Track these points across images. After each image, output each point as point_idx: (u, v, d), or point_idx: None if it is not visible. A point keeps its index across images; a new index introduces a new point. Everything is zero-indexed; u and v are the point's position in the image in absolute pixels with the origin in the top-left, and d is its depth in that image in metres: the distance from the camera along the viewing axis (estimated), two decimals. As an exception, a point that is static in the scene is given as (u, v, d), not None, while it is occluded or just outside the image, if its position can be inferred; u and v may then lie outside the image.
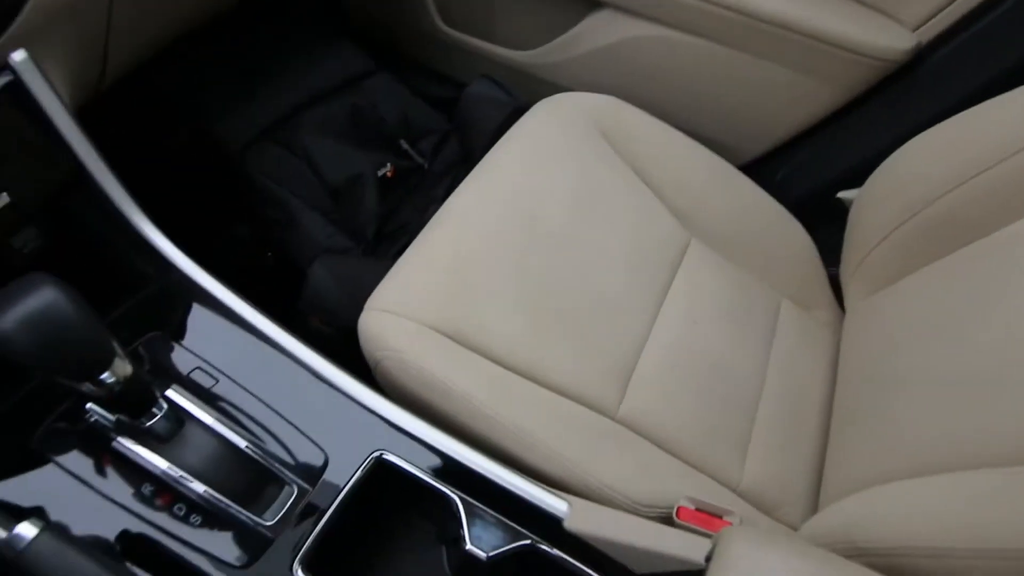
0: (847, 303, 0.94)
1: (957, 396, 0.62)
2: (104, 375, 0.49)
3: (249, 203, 0.99)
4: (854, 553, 0.50)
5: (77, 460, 0.55)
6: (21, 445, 0.55)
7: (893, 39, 0.95)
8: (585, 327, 0.76)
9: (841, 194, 1.04)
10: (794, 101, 1.07)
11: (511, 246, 0.79)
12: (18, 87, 0.55)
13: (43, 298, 0.46)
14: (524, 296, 0.75)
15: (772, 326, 0.90)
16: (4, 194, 0.56)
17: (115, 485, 0.54)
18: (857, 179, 0.98)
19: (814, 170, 1.09)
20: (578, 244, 0.83)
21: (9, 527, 0.46)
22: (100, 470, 0.55)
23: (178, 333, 0.64)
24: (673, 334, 0.81)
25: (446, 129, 1.21)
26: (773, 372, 0.84)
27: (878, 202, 0.90)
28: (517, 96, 1.09)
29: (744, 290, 0.92)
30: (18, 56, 0.54)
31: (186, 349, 0.62)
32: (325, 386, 0.63)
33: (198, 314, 0.66)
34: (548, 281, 0.78)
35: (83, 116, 0.65)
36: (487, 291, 0.74)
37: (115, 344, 0.49)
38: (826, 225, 1.02)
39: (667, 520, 0.61)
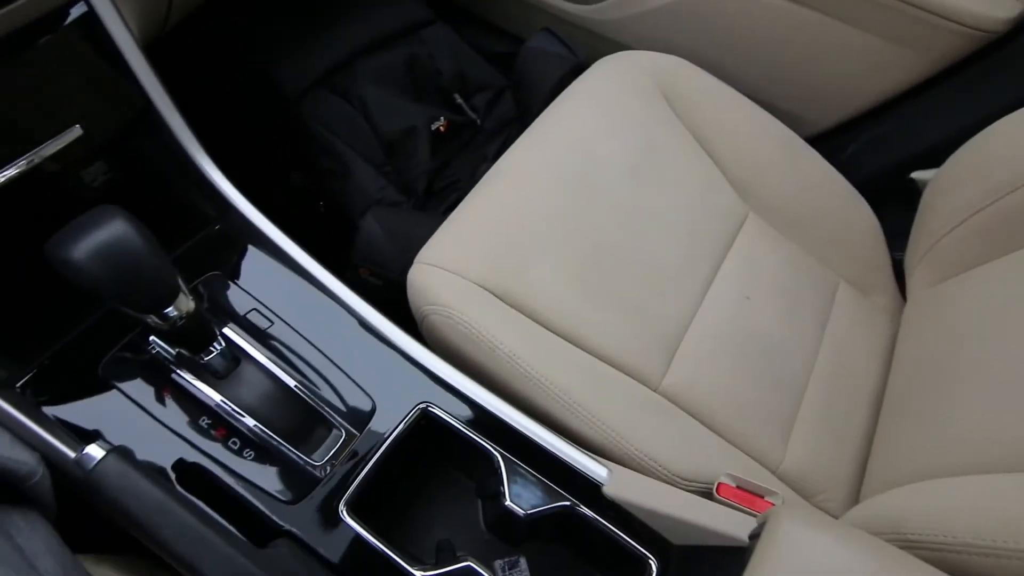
0: (909, 291, 0.89)
1: (1021, 395, 0.59)
2: (168, 309, 0.50)
3: (305, 151, 1.00)
4: (902, 545, 0.49)
5: (139, 389, 0.58)
6: (87, 372, 0.58)
7: (995, 6, 0.87)
8: (633, 293, 0.75)
9: (916, 174, 0.98)
10: (874, 70, 1.00)
11: (564, 207, 0.77)
12: (92, 19, 0.55)
13: (115, 230, 0.47)
14: (574, 258, 0.74)
15: (827, 308, 0.87)
16: (76, 126, 0.57)
17: (173, 415, 0.57)
18: (935, 159, 0.92)
19: (888, 147, 1.03)
20: (632, 209, 0.81)
21: (78, 448, 0.49)
22: (160, 400, 0.58)
23: (236, 274, 0.65)
24: (723, 308, 0.79)
25: (501, 85, 1.19)
26: (824, 355, 0.81)
27: (957, 185, 0.84)
28: (578, 52, 1.05)
29: (800, 269, 0.89)
30: (88, -6, 0.55)
31: (243, 290, 0.64)
32: (374, 336, 0.64)
33: (255, 257, 0.68)
34: (599, 244, 0.76)
35: (149, 52, 0.66)
36: (537, 251, 0.73)
37: (180, 280, 0.50)
38: (895, 206, 0.96)
39: (706, 495, 0.61)
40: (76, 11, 0.55)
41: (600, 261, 0.75)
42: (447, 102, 1.12)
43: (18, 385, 0.56)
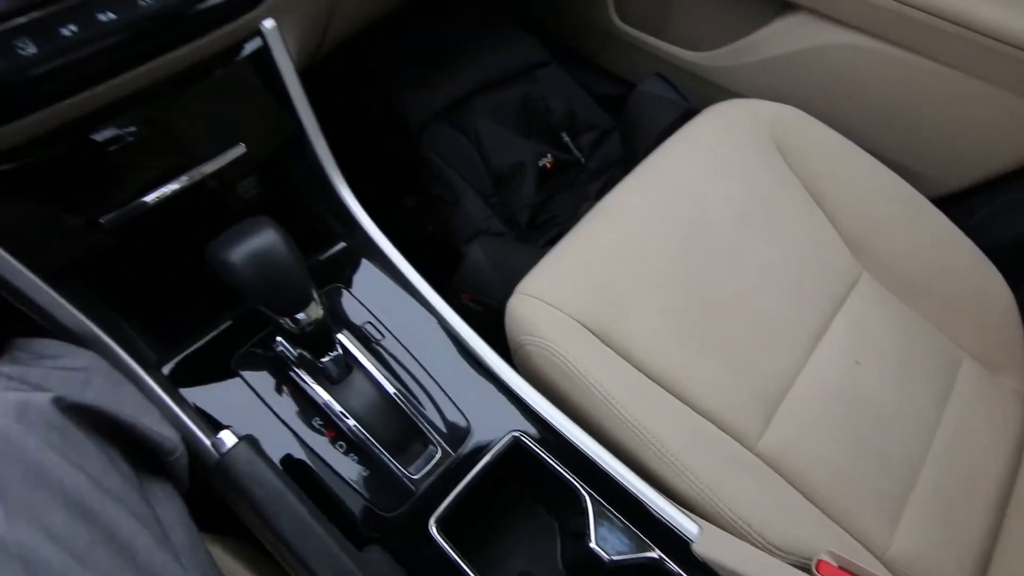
0: (1048, 374, 0.81)
1: None
2: (300, 314, 0.55)
3: (420, 177, 1.06)
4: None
5: (262, 383, 0.63)
6: (221, 362, 0.64)
7: None
8: (736, 346, 0.73)
9: (1059, 246, 0.90)
10: (1011, 130, 0.93)
11: (668, 250, 0.77)
12: (264, 52, 0.63)
13: (267, 239, 0.53)
14: (676, 303, 0.74)
15: (948, 383, 0.80)
16: (241, 145, 0.65)
17: (290, 411, 0.61)
18: (1082, 230, 0.84)
19: (1024, 213, 0.95)
20: (739, 258, 0.79)
21: (212, 434, 0.54)
22: (279, 395, 0.62)
23: (355, 287, 0.70)
24: (831, 371, 0.75)
25: (608, 126, 1.21)
26: (943, 435, 0.75)
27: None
28: (689, 97, 1.05)
29: (919, 337, 0.83)
30: (268, 24, 0.62)
31: (360, 303, 0.68)
32: (474, 361, 0.66)
33: (373, 274, 0.73)
34: (703, 291, 0.75)
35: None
36: (638, 292, 0.73)
37: (313, 289, 0.55)
38: (1032, 279, 0.88)
39: (803, 569, 0.57)
40: (251, 47, 0.62)
41: (703, 309, 0.74)
42: (555, 140, 1.15)
43: (164, 368, 0.62)
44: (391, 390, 0.62)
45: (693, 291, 0.75)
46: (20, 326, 0.55)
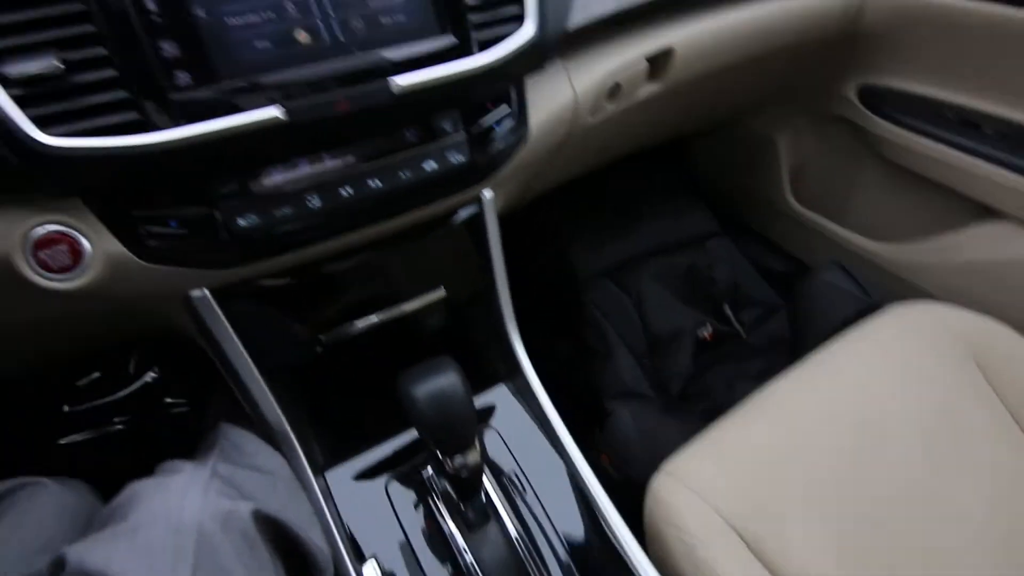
0: None
1: None
2: (460, 457, 0.59)
3: (577, 326, 1.12)
4: None
5: (406, 507, 0.67)
6: (374, 478, 0.69)
7: None
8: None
9: None
10: None
11: (836, 459, 0.71)
12: (478, 216, 0.74)
13: (450, 381, 0.59)
14: (841, 525, 0.66)
15: None
16: (442, 289, 0.75)
17: (423, 545, 0.64)
18: None
19: None
20: (920, 487, 0.70)
21: (357, 563, 0.58)
22: (418, 523, 0.65)
23: (506, 432, 0.73)
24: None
25: (773, 304, 1.19)
26: None
27: None
28: (871, 292, 1.01)
29: None
30: (488, 194, 0.73)
31: (509, 451, 0.71)
32: (608, 532, 0.64)
33: (524, 421, 0.76)
34: (874, 516, 0.67)
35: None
36: (800, 502, 0.67)
37: (476, 437, 0.59)
38: None
39: None
40: (467, 211, 0.74)
41: (873, 535, 0.66)
42: (717, 311, 1.16)
43: (329, 473, 0.69)
44: (522, 550, 0.62)
45: (862, 510, 0.67)
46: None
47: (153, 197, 0.51)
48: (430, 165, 0.62)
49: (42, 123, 0.43)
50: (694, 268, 1.17)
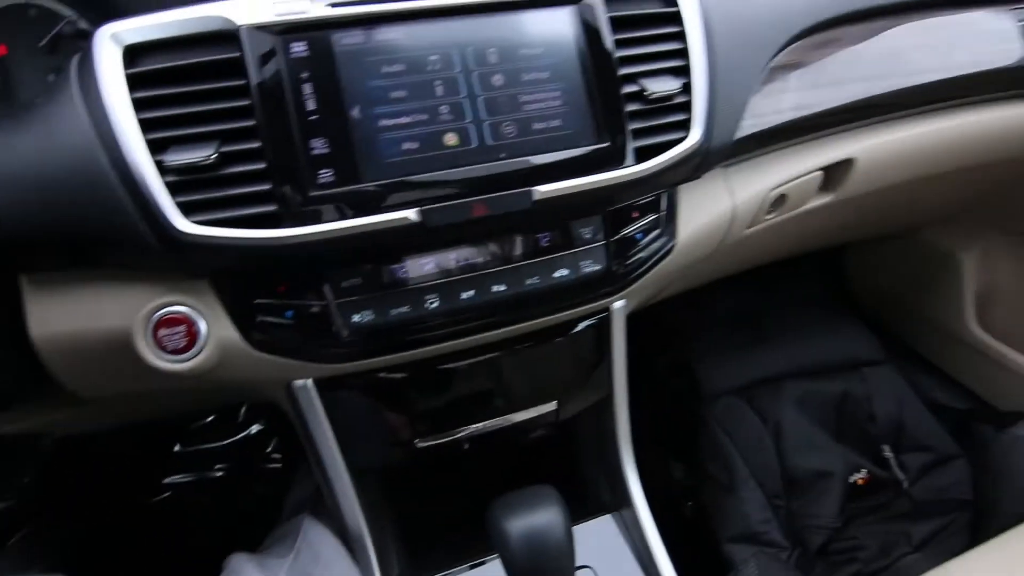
0: None
1: None
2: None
3: (697, 449, 0.98)
4: None
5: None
6: None
7: None
8: None
9: None
10: None
11: None
12: (604, 326, 0.66)
13: (549, 518, 0.51)
14: None
15: None
16: (554, 402, 0.68)
17: None
18: None
19: None
20: None
21: None
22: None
23: (609, 568, 0.63)
24: None
25: (947, 452, 0.97)
26: None
27: None
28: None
29: None
30: (618, 304, 0.65)
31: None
32: None
33: (627, 560, 0.65)
34: None
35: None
36: None
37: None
38: None
39: None
40: (592, 320, 0.66)
41: None
42: (873, 453, 0.97)
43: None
44: None
45: None
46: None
47: (274, 286, 0.50)
48: (561, 273, 0.56)
49: (186, 210, 0.43)
50: (848, 398, 1.00)
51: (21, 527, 0.97)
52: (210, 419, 1.14)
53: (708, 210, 0.63)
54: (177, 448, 1.10)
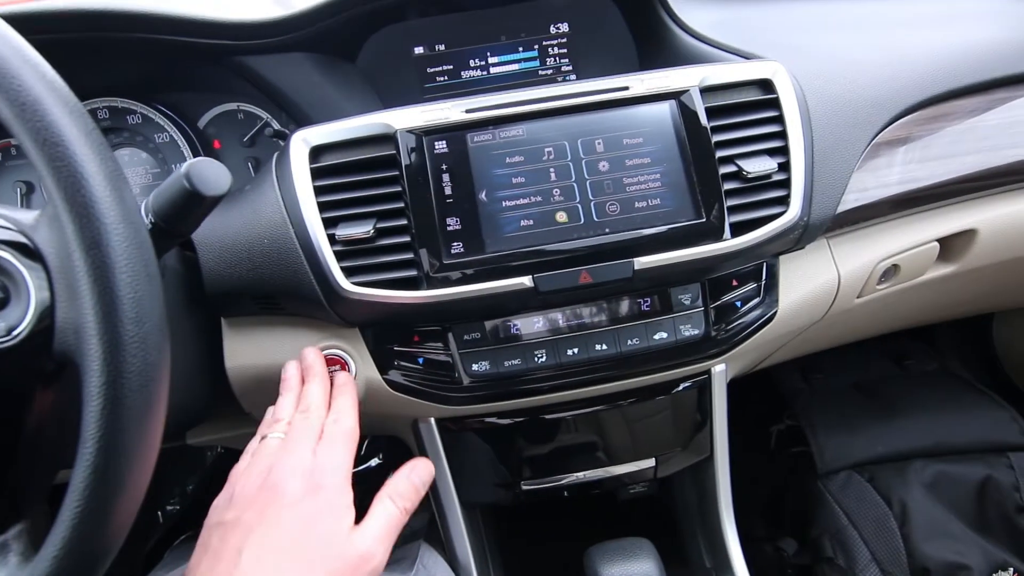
0: None
1: None
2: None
3: (811, 527, 0.93)
4: None
5: None
6: None
7: None
8: None
9: None
10: None
11: None
12: (705, 388, 0.68)
13: (643, 570, 0.53)
14: None
15: None
16: (653, 459, 0.70)
17: None
18: None
19: None
20: None
21: None
22: None
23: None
24: None
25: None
26: None
27: None
28: None
29: None
30: (719, 368, 0.68)
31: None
32: None
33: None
34: None
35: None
36: None
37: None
38: None
39: None
40: (694, 381, 0.69)
41: None
42: (1022, 548, 0.86)
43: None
44: None
45: None
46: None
47: (409, 337, 0.59)
48: (660, 335, 0.60)
49: (348, 273, 0.54)
50: (991, 484, 0.89)
51: (185, 530, 1.14)
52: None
53: (812, 279, 0.64)
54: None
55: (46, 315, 0.37)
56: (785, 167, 0.56)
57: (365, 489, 1.26)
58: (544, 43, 0.78)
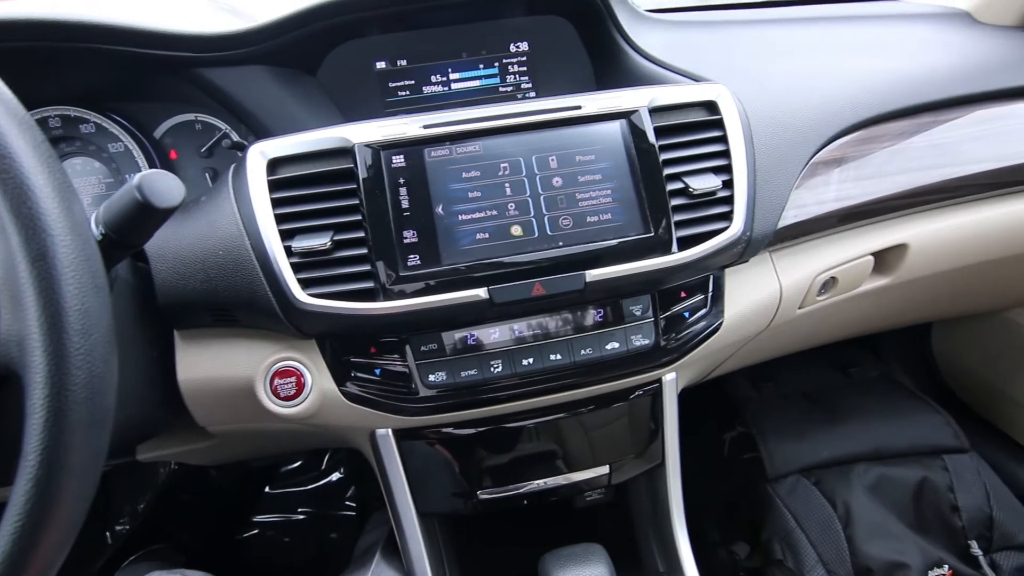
0: None
1: None
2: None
3: (758, 525, 0.96)
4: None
5: None
6: None
7: None
8: None
9: None
10: None
11: None
12: (656, 397, 0.71)
13: (596, 572, 0.55)
14: None
15: None
16: (606, 467, 0.71)
17: None
18: None
19: None
20: None
21: None
22: None
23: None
24: None
25: (1050, 555, 0.89)
26: None
27: None
28: None
29: None
30: (669, 377, 0.70)
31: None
32: None
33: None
34: None
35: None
36: None
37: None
38: None
39: None
40: (646, 390, 0.71)
41: None
42: (958, 549, 0.91)
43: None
44: None
45: None
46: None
47: (366, 349, 0.60)
48: (612, 345, 0.62)
49: (304, 284, 0.54)
50: (927, 486, 0.94)
51: (134, 551, 1.10)
52: (297, 464, 1.25)
53: (755, 291, 0.67)
54: (267, 489, 1.22)
55: None
56: (729, 184, 0.60)
57: (327, 504, 1.24)
58: (504, 60, 0.80)
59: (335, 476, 1.23)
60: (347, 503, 1.22)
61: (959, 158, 0.71)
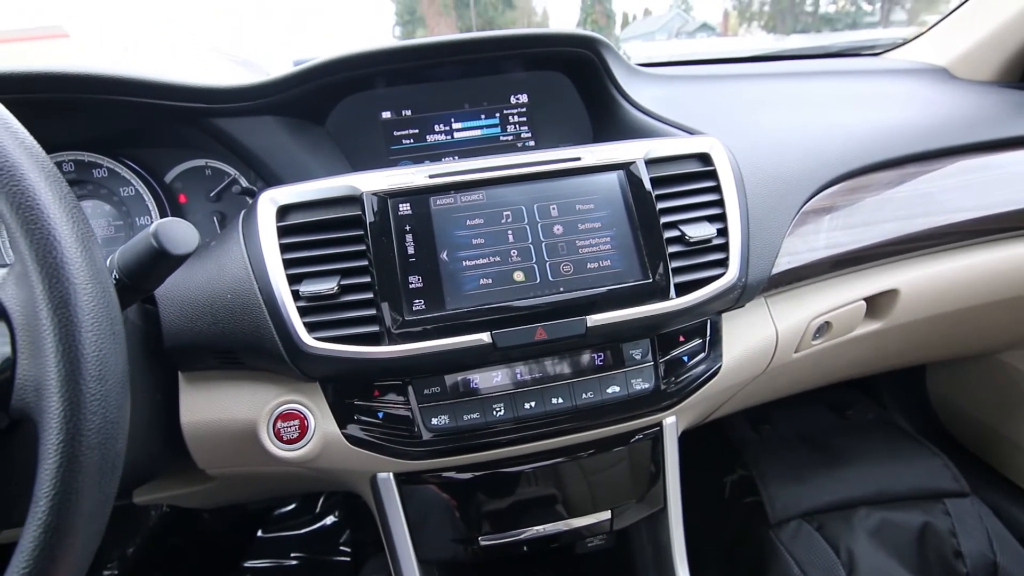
0: None
1: None
2: None
3: (761, 571, 0.95)
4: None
5: None
6: None
7: None
8: None
9: None
10: None
11: None
12: (658, 441, 0.71)
13: None
14: None
15: None
16: (608, 512, 0.71)
17: None
18: None
19: None
20: None
21: None
22: None
23: None
24: None
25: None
26: None
27: None
28: None
29: None
30: (669, 420, 0.70)
31: None
32: None
33: None
34: None
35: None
36: None
37: None
38: None
39: None
40: (647, 434, 0.71)
41: None
42: (963, 596, 0.89)
43: None
44: None
45: None
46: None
47: (369, 391, 0.60)
48: (613, 389, 0.63)
49: (310, 328, 0.55)
50: (929, 531, 0.94)
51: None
52: (291, 507, 1.23)
53: (752, 335, 0.69)
54: (260, 533, 1.19)
55: (6, 369, 0.37)
56: (723, 232, 0.62)
57: (321, 549, 1.22)
58: (505, 112, 0.83)
59: (329, 520, 1.21)
60: (342, 548, 1.20)
61: (944, 207, 0.74)
